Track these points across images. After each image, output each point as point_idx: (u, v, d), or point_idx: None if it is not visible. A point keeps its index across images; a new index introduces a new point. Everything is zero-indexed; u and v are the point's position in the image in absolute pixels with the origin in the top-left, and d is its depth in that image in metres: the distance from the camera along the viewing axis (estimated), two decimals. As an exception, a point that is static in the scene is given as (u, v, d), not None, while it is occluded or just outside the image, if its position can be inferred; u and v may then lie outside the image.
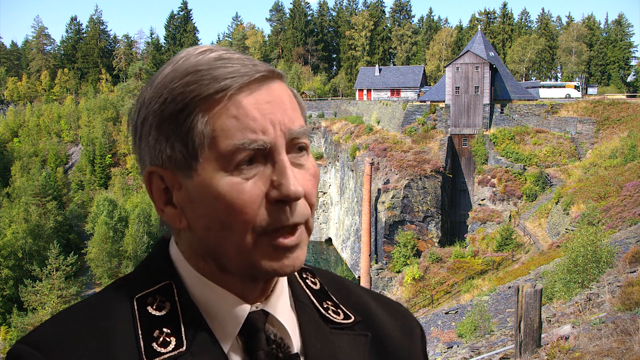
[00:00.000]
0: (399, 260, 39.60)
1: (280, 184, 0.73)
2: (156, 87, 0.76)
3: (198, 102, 0.72)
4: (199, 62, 0.75)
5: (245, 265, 0.76)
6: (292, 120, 0.76)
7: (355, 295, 0.96)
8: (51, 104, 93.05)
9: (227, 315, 0.79)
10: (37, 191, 58.80)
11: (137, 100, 0.80)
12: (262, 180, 0.73)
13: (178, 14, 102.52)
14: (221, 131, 0.72)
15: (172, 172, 0.76)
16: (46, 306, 41.34)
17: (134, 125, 0.80)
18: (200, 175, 0.73)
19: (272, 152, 0.73)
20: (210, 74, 0.73)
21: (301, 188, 0.74)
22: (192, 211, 0.75)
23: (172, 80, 0.74)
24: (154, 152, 0.76)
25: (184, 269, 0.81)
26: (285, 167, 0.74)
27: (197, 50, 0.78)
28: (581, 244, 13.42)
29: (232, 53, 0.77)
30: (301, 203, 0.76)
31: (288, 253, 0.76)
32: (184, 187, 0.75)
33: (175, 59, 0.78)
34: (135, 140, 0.80)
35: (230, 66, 0.74)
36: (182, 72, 0.74)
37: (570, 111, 46.22)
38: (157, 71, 0.79)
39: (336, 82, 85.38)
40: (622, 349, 6.09)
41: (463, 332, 15.12)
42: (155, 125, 0.75)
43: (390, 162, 43.97)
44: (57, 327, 0.76)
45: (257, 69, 0.75)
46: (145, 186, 0.80)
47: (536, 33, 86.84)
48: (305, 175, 0.77)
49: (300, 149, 0.77)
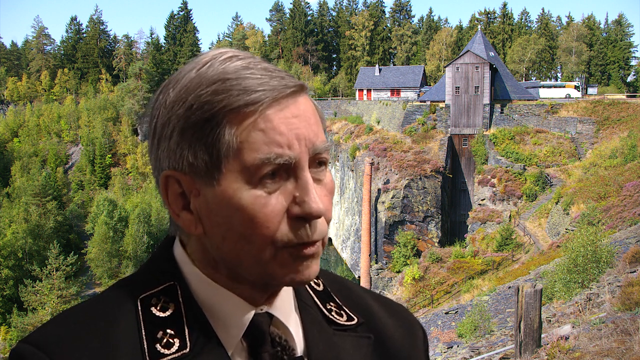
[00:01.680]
0: (399, 260, 39.60)
1: (303, 201, 0.73)
2: (180, 91, 0.74)
3: (226, 113, 0.72)
4: (226, 70, 0.73)
5: (261, 275, 0.76)
6: (317, 136, 0.75)
7: (357, 297, 0.96)
8: (51, 104, 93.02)
9: (232, 317, 0.79)
10: (37, 191, 58.80)
11: (155, 100, 0.79)
12: (284, 195, 0.73)
13: (178, 14, 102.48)
14: (247, 144, 0.71)
15: (192, 178, 0.75)
16: (46, 306, 41.31)
17: (152, 126, 0.78)
18: (222, 185, 0.72)
19: (296, 167, 0.73)
20: (239, 84, 0.72)
21: (322, 206, 0.74)
22: (210, 219, 0.75)
23: (199, 87, 0.73)
24: (173, 157, 0.75)
25: (189, 270, 0.81)
26: (308, 184, 0.73)
27: (223, 56, 0.76)
28: (581, 244, 13.42)
29: (258, 62, 0.76)
30: (321, 220, 0.75)
31: (305, 263, 0.76)
32: (202, 194, 0.74)
33: (199, 63, 0.76)
34: (153, 142, 0.78)
35: (258, 77, 0.73)
36: (209, 79, 0.73)
37: (570, 111, 46.22)
38: (176, 72, 0.78)
39: (336, 82, 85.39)
40: (622, 349, 6.08)
41: (463, 332, 15.12)
42: (179, 131, 0.74)
43: (390, 162, 43.97)
44: (60, 326, 0.75)
45: (285, 83, 0.74)
46: (160, 189, 0.78)
47: (536, 33, 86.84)
48: (323, 190, 0.77)
49: (320, 164, 0.77)
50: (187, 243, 0.82)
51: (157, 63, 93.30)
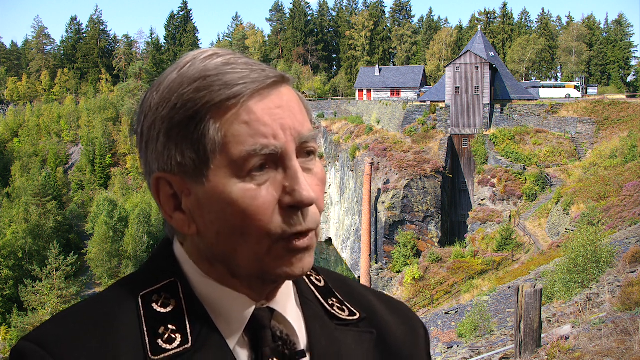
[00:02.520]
0: (399, 260, 39.60)
1: (293, 190, 0.73)
2: (163, 92, 0.75)
3: (209, 108, 0.72)
4: (207, 67, 0.74)
5: (257, 270, 0.76)
6: (302, 124, 0.76)
7: (358, 294, 0.96)
8: (51, 104, 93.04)
9: (233, 312, 0.79)
10: (37, 191, 58.80)
11: (141, 105, 0.79)
12: (274, 186, 0.73)
13: (178, 14, 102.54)
14: (233, 137, 0.72)
15: (181, 178, 0.75)
16: (46, 306, 41.32)
17: (139, 131, 0.78)
18: (211, 181, 0.73)
19: (284, 157, 0.73)
20: (220, 79, 0.72)
21: (313, 194, 0.74)
22: (203, 217, 0.75)
23: (181, 86, 0.74)
24: (162, 158, 0.76)
25: (189, 267, 0.81)
26: (297, 173, 0.74)
27: (203, 55, 0.76)
28: (581, 244, 13.42)
29: (239, 57, 0.77)
30: (313, 209, 0.76)
31: (299, 256, 0.76)
32: (193, 193, 0.75)
33: (180, 64, 0.77)
34: (142, 146, 0.79)
35: (239, 71, 0.74)
36: (190, 78, 0.74)
37: (570, 111, 46.22)
38: (160, 75, 0.78)
39: (336, 82, 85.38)
40: (622, 349, 6.08)
41: (463, 332, 15.12)
42: (164, 132, 0.74)
43: (390, 162, 43.98)
44: (62, 324, 0.76)
45: (266, 74, 0.74)
46: (152, 192, 0.79)
47: (536, 33, 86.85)
48: (314, 180, 0.77)
49: (308, 153, 0.78)
50: (185, 243, 0.82)
51: (157, 63, 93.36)
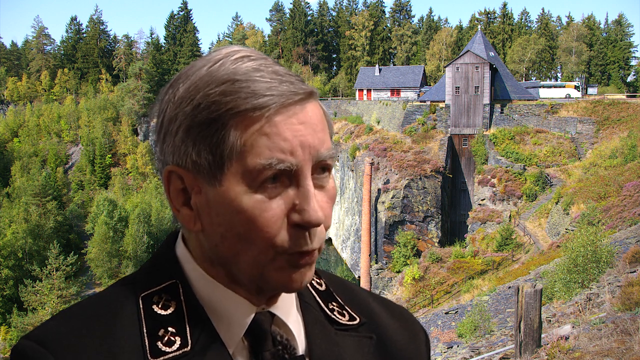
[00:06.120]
0: (399, 260, 39.60)
1: (302, 209, 0.73)
2: (189, 88, 0.75)
3: (233, 115, 0.71)
4: (237, 71, 0.73)
5: (256, 278, 0.76)
6: (322, 143, 0.75)
7: (359, 298, 0.95)
8: (51, 104, 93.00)
9: (233, 316, 0.79)
10: (37, 191, 58.81)
11: (164, 93, 0.79)
12: (284, 200, 0.73)
13: (178, 14, 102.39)
14: (251, 147, 0.71)
15: (194, 175, 0.75)
16: (46, 306, 41.35)
17: (160, 121, 0.78)
18: (223, 186, 0.73)
19: (298, 174, 0.73)
20: (248, 86, 0.72)
21: (322, 214, 0.74)
22: (210, 218, 0.75)
23: (208, 85, 0.73)
24: (178, 153, 0.75)
25: (191, 269, 0.81)
26: (309, 193, 0.73)
27: (235, 55, 0.76)
28: (581, 244, 13.41)
29: (269, 64, 0.76)
30: (320, 228, 0.75)
31: (301, 271, 0.76)
32: (204, 192, 0.75)
33: (211, 60, 0.76)
34: (159, 136, 0.78)
35: (268, 81, 0.73)
36: (219, 79, 0.73)
37: (570, 111, 46.21)
38: (188, 66, 0.78)
39: (336, 82, 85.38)
40: (622, 349, 6.08)
41: (463, 332, 15.11)
42: (184, 128, 0.74)
43: (390, 162, 43.98)
44: (62, 323, 0.75)
45: (295, 89, 0.74)
46: (163, 184, 0.79)
47: (536, 33, 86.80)
48: (325, 197, 0.77)
49: (323, 169, 0.77)
50: (189, 240, 0.82)
51: (157, 63, 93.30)
